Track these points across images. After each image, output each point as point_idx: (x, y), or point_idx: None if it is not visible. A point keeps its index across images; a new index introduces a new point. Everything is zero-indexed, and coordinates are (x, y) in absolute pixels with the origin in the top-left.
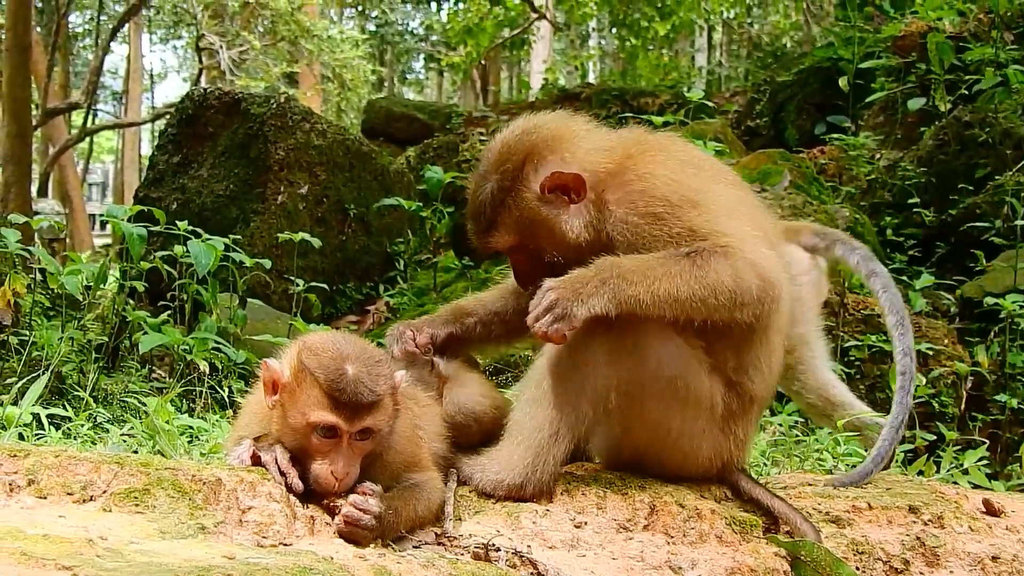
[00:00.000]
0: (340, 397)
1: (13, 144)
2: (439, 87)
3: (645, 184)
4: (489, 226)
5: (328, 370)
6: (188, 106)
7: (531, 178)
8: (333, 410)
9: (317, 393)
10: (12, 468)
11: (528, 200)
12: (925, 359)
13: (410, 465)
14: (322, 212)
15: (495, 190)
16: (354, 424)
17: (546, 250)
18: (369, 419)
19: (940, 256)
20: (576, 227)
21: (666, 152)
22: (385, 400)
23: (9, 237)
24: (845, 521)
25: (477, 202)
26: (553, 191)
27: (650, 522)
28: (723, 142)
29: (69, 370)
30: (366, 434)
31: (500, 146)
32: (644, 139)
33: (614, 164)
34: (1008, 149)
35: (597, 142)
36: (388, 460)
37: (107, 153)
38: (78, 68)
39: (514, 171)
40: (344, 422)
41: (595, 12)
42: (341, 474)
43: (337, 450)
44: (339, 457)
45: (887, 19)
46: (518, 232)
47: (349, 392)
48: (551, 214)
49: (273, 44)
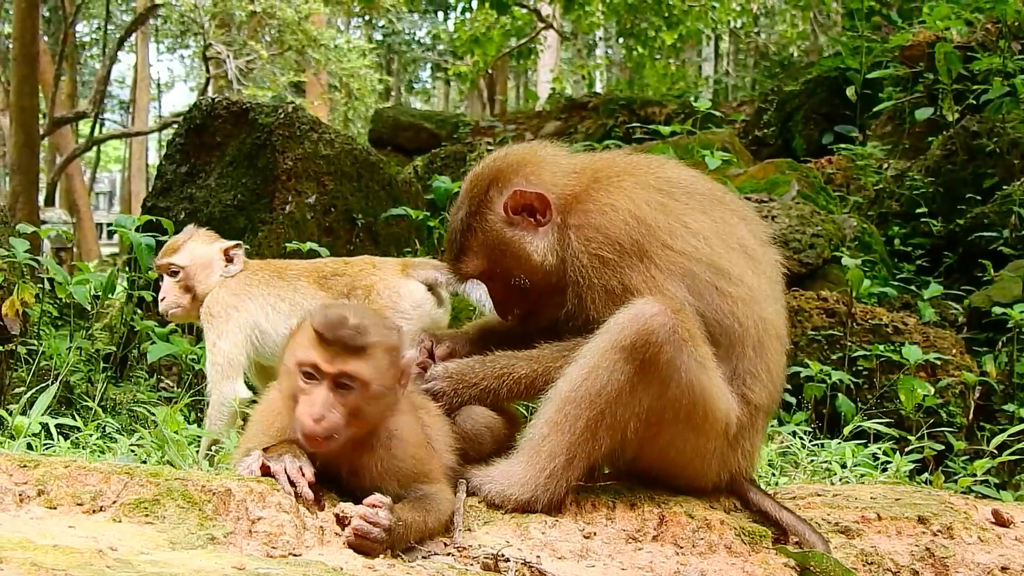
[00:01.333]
0: (325, 334)
1: (21, 153)
2: (446, 96)
3: (603, 219)
4: (459, 252)
5: (329, 313)
6: (196, 116)
7: (495, 201)
8: (317, 347)
9: (309, 334)
10: (22, 478)
11: (493, 223)
12: (933, 369)
13: (419, 476)
14: (330, 222)
15: (463, 216)
16: (334, 363)
17: (513, 274)
18: (351, 364)
19: (948, 266)
20: (541, 250)
21: (634, 177)
22: (374, 352)
23: (18, 247)
24: (854, 531)
25: (450, 231)
26: (518, 212)
27: (659, 533)
28: (731, 152)
29: (77, 380)
30: (349, 382)
31: (471, 176)
32: (615, 162)
33: (580, 187)
34: (1016, 159)
35: (564, 165)
36: (396, 469)
37: (114, 162)
38: (85, 77)
39: (480, 196)
40: (324, 361)
41: (602, 21)
42: (316, 415)
43: (315, 394)
44: (316, 399)
45: (894, 29)
46: (486, 256)
47: (334, 331)
48: (516, 236)
49: (280, 53)
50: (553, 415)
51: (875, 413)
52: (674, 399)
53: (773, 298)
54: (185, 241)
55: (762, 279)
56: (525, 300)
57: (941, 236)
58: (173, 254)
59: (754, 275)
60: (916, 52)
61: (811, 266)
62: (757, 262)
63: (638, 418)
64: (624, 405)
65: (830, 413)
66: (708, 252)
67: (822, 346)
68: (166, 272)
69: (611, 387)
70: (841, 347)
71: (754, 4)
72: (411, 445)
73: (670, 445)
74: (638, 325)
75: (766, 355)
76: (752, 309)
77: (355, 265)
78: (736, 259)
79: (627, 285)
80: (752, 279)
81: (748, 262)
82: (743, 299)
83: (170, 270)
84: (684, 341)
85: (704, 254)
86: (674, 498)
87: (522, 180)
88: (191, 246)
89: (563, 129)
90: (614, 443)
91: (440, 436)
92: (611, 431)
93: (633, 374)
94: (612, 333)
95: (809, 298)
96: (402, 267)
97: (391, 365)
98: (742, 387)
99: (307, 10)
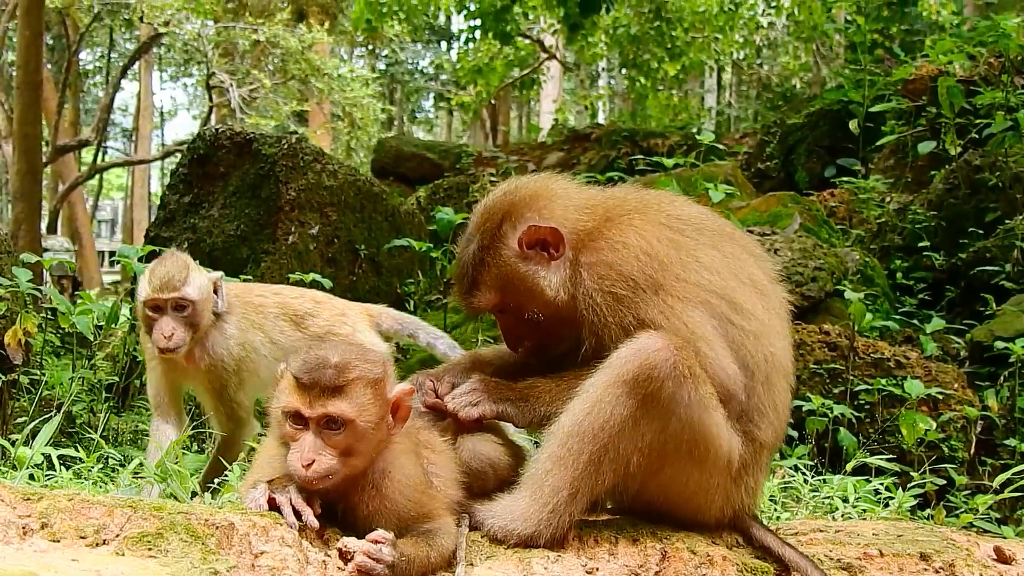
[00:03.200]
0: (302, 379)
1: (23, 181)
2: (449, 126)
3: (615, 256)
4: (471, 286)
5: (306, 357)
6: (200, 145)
7: (509, 235)
8: (296, 392)
9: (288, 379)
10: (26, 511)
11: (507, 257)
12: (935, 403)
13: (417, 517)
14: (333, 252)
15: (476, 250)
16: (315, 407)
17: (526, 308)
18: (332, 405)
19: (950, 300)
20: (554, 284)
21: (644, 215)
22: (355, 388)
23: (21, 277)
24: (856, 568)
25: (460, 263)
26: (532, 247)
27: (661, 568)
28: (733, 184)
29: (80, 409)
30: (334, 423)
31: (482, 208)
32: (626, 199)
33: (592, 224)
34: (1018, 193)
35: (576, 200)
36: (388, 509)
37: (117, 190)
38: (88, 105)
39: (493, 230)
40: (305, 406)
41: (605, 52)
42: (305, 460)
43: (303, 440)
44: (304, 445)
45: (897, 62)
46: (499, 290)
47: (311, 374)
48: (529, 271)
49: (283, 83)
50: (556, 449)
51: (877, 447)
52: (676, 434)
53: (782, 335)
54: (189, 272)
55: (771, 315)
56: (536, 333)
57: (943, 270)
58: (183, 287)
59: (764, 310)
60: (919, 86)
61: (813, 299)
62: (767, 298)
63: (641, 452)
64: (627, 439)
65: (832, 447)
66: (721, 285)
67: (824, 380)
68: (171, 306)
69: (614, 421)
70: (843, 381)
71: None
72: (405, 486)
73: (673, 480)
74: (641, 359)
75: (773, 392)
76: (762, 344)
77: (325, 307)
78: (747, 294)
79: (643, 319)
80: (763, 314)
81: (759, 297)
82: (755, 333)
83: (179, 304)
84: (685, 377)
85: (718, 287)
86: (676, 534)
87: (535, 214)
88: (197, 278)
89: (566, 160)
90: (617, 477)
91: (445, 472)
92: (614, 465)
93: (636, 408)
94: (615, 367)
95: (811, 331)
96: (368, 318)
97: (376, 398)
98: (749, 424)
99: (310, 39)
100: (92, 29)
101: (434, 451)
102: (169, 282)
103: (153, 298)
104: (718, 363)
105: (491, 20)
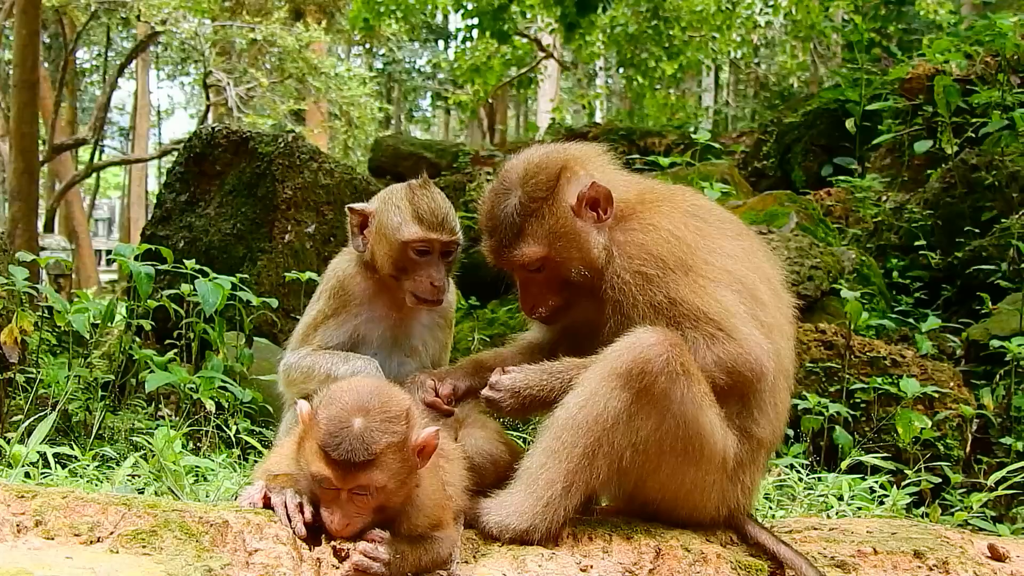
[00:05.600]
0: (332, 454)
1: (20, 180)
2: (446, 125)
3: (647, 236)
4: (516, 237)
5: (330, 424)
6: (196, 144)
7: (566, 189)
8: (327, 465)
9: (317, 445)
10: (20, 509)
11: (563, 210)
12: (931, 402)
13: (434, 526)
14: (329, 251)
15: (524, 201)
16: (346, 481)
17: (573, 265)
18: (364, 477)
19: (946, 299)
20: (599, 246)
21: (672, 203)
22: (385, 458)
23: (17, 275)
24: (851, 566)
25: (501, 215)
26: (588, 204)
27: (655, 566)
28: (730, 183)
29: (75, 408)
30: (364, 490)
31: (525, 163)
32: (655, 186)
33: (628, 205)
34: (1015, 192)
35: (619, 173)
36: (412, 520)
37: (113, 189)
38: (85, 104)
39: (548, 183)
40: (336, 479)
41: (602, 51)
42: (338, 526)
43: (337, 502)
44: (337, 509)
45: (894, 61)
46: (547, 244)
47: (342, 450)
48: (583, 228)
49: (280, 81)
50: (550, 443)
51: (872, 446)
52: (670, 431)
53: (788, 336)
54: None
55: (780, 314)
56: (563, 295)
57: (939, 269)
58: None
59: (776, 308)
60: (915, 85)
61: (809, 298)
62: (779, 297)
63: (635, 448)
64: (621, 433)
65: (827, 445)
66: (743, 274)
67: (820, 378)
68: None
69: (607, 414)
70: (839, 379)
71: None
72: (425, 505)
73: (669, 477)
74: (634, 353)
75: (776, 391)
76: (774, 338)
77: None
78: (764, 288)
79: (673, 298)
80: (775, 311)
81: (772, 294)
82: (768, 326)
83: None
84: (678, 374)
85: (740, 275)
86: (670, 531)
87: (592, 174)
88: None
89: None
90: (611, 472)
91: (455, 480)
92: (608, 459)
93: (630, 402)
94: (609, 360)
95: (807, 330)
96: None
97: (403, 458)
98: (748, 421)
99: (308, 38)
100: (89, 27)
101: (448, 459)
102: (446, 221)
103: (426, 238)
104: (753, 339)
105: (488, 19)
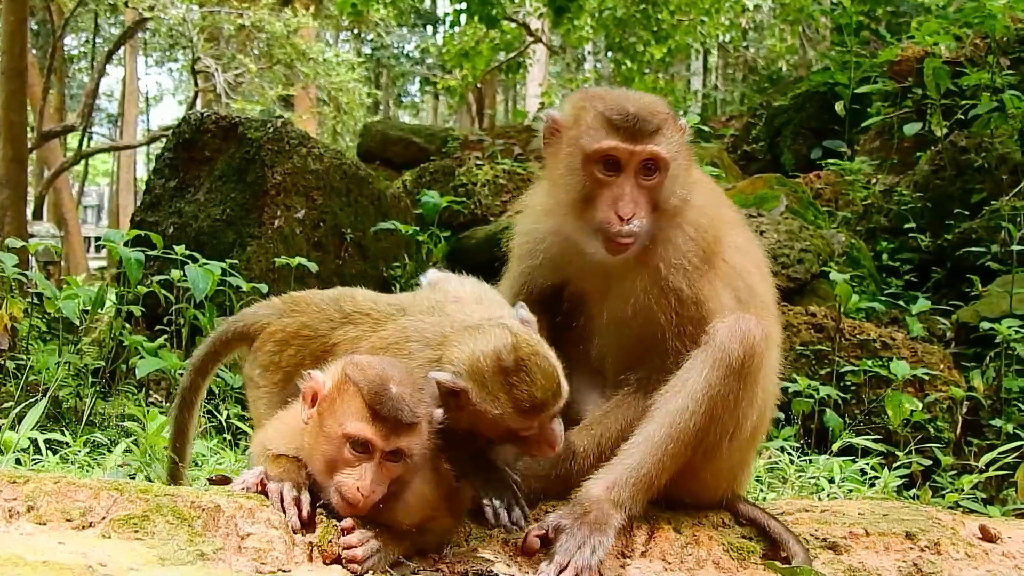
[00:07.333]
0: (380, 411)
1: (9, 168)
2: (435, 110)
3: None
4: (656, 131)
5: (372, 384)
6: (185, 130)
7: (678, 120)
8: (372, 423)
9: (358, 405)
10: (11, 495)
11: (681, 134)
12: (921, 384)
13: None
14: (319, 236)
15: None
16: (390, 441)
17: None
18: (404, 440)
19: (936, 281)
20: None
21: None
22: (422, 425)
23: (6, 262)
24: (842, 547)
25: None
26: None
27: (647, 548)
28: (719, 167)
29: (66, 394)
30: (397, 456)
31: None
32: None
33: None
34: (1004, 174)
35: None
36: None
37: (102, 176)
38: (74, 91)
39: (671, 112)
40: (380, 438)
41: (591, 36)
42: (367, 491)
43: (368, 466)
44: (368, 473)
45: (883, 44)
46: (669, 150)
47: (390, 408)
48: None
49: (269, 67)
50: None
51: (863, 428)
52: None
53: (776, 319)
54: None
55: (769, 299)
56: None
57: (929, 251)
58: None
59: (766, 293)
60: (905, 67)
61: (799, 281)
62: (768, 283)
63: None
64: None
65: (818, 428)
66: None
67: (810, 361)
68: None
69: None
70: (829, 362)
71: (743, 18)
72: (419, 505)
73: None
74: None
75: (766, 374)
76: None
77: None
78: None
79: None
80: (767, 297)
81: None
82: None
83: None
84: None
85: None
86: (663, 514)
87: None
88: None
89: None
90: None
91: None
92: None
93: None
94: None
95: (797, 313)
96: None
97: (430, 427)
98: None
99: (296, 24)
100: (77, 14)
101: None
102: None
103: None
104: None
105: (477, 4)
